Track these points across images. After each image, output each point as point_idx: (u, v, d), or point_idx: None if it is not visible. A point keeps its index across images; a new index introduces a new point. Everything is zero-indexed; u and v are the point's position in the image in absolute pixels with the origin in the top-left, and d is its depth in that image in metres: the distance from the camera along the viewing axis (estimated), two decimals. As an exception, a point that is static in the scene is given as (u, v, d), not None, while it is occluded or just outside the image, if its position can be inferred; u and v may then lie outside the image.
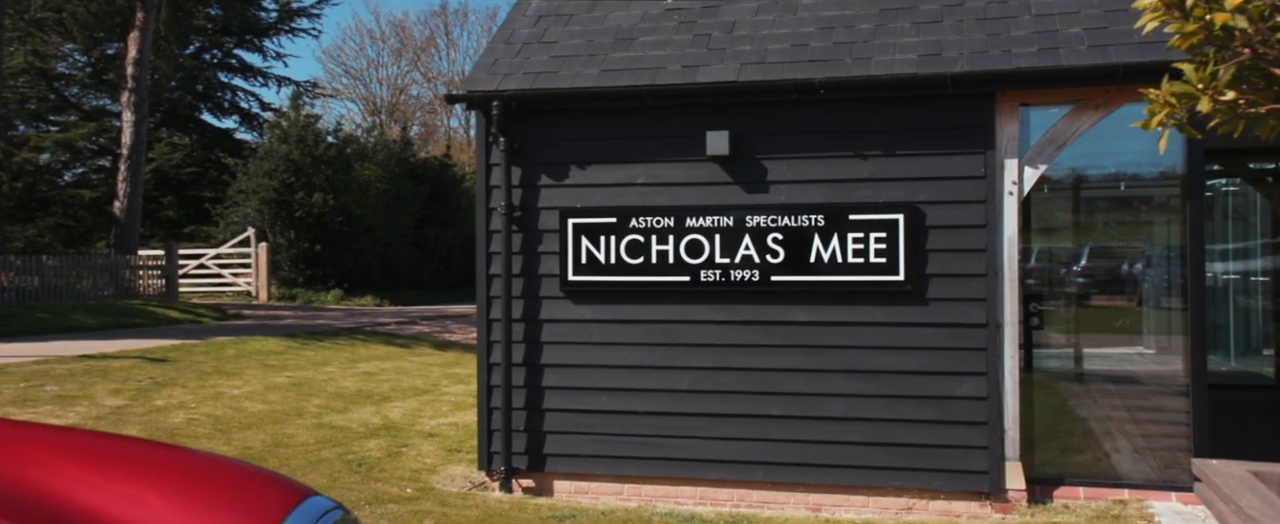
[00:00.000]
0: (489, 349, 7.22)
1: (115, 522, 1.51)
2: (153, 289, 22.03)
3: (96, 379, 9.82)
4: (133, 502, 1.53)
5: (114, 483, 1.57)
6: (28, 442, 1.67)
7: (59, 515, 1.49)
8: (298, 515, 1.57)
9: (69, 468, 1.60)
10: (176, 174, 32.04)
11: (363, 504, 5.92)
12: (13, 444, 1.64)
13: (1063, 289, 7.52)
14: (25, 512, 1.49)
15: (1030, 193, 6.68)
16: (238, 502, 1.57)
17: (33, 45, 30.49)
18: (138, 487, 1.56)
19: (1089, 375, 7.48)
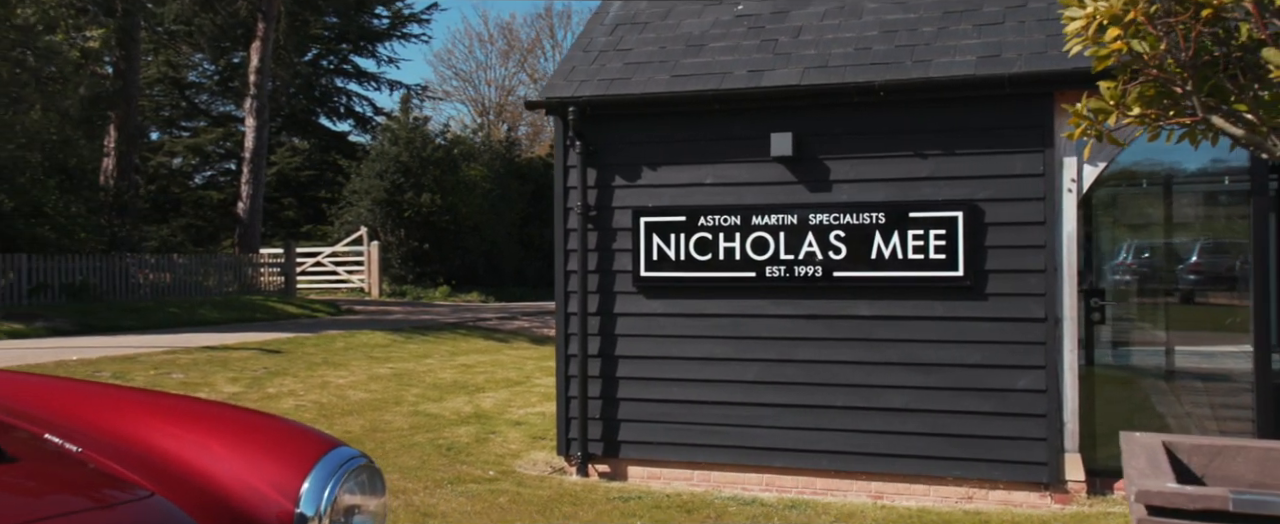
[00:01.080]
0: (567, 341, 7.66)
1: (188, 462, 1.96)
2: (273, 285, 23.28)
3: (217, 368, 10.64)
4: (201, 448, 1.98)
5: (188, 433, 2.02)
6: (127, 403, 2.14)
7: (147, 458, 1.95)
8: (326, 460, 2.00)
9: (156, 422, 2.06)
10: (296, 176, 33.62)
11: (445, 484, 6.42)
12: (116, 405, 2.12)
13: (1124, 285, 7.57)
14: (124, 456, 1.95)
15: (1090, 189, 6.79)
16: (281, 448, 2.01)
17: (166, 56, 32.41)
18: (205, 436, 2.01)
19: (1152, 370, 7.51)
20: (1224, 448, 2.71)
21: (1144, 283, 7.73)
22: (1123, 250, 7.81)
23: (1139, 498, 2.43)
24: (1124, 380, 7.74)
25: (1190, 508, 2.34)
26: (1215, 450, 2.73)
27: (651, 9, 8.41)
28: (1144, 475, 2.43)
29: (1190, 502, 2.33)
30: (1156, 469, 2.47)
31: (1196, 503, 2.34)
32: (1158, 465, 2.51)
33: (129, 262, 19.25)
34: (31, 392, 2.17)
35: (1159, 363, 7.74)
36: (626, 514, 5.65)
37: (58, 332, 14.59)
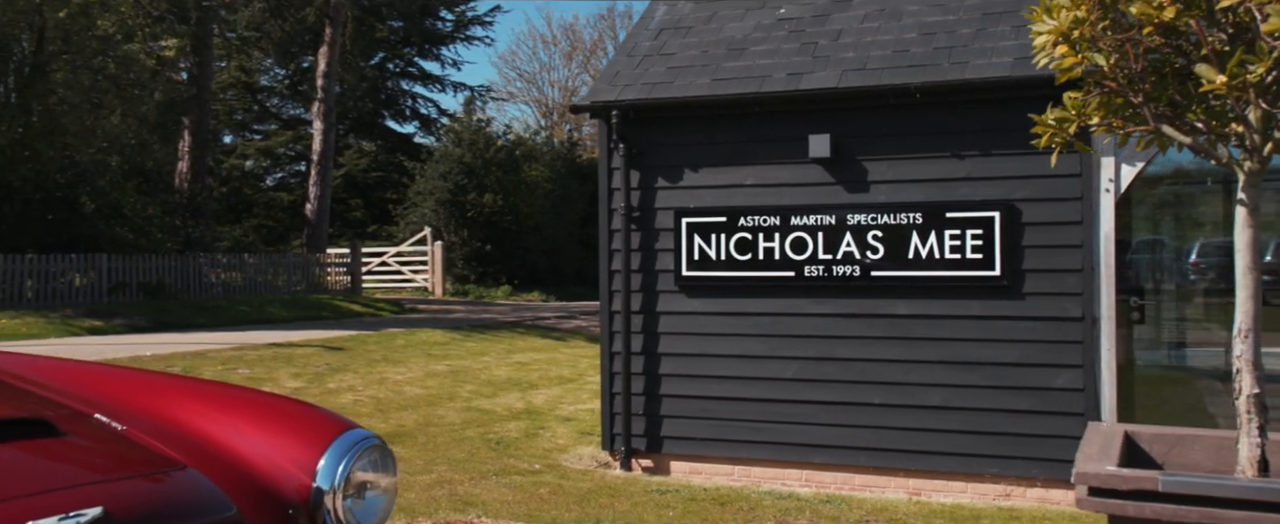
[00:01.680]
0: (611, 339, 7.87)
1: (220, 440, 2.20)
2: (339, 285, 23.90)
3: (281, 364, 11.06)
4: (231, 428, 2.22)
5: (220, 414, 2.26)
6: (167, 387, 2.39)
7: (184, 436, 2.19)
8: (341, 440, 2.22)
9: (192, 404, 2.30)
10: (363, 177, 34.40)
11: (490, 475, 6.67)
12: (157, 389, 2.37)
13: (1167, 283, 7.54)
14: (163, 434, 2.20)
15: (1128, 189, 6.80)
16: (302, 428, 2.24)
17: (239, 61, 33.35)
18: (235, 417, 2.25)
19: (1193, 369, 7.48)
20: (1183, 437, 2.82)
21: (1205, 282, 7.69)
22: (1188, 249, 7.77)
23: (1078, 479, 2.57)
24: (1178, 380, 7.70)
25: (1124, 488, 2.47)
26: (1175, 439, 2.83)
27: (695, 13, 8.58)
28: (1089, 459, 2.55)
29: (1124, 483, 2.45)
30: (1105, 454, 2.58)
31: (1129, 484, 2.47)
32: (1107, 451, 2.62)
33: (202, 261, 19.96)
34: (83, 377, 2.43)
35: (1217, 363, 7.67)
36: (661, 506, 5.83)
37: (135, 328, 15.22)
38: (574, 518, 5.31)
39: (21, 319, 14.65)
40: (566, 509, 5.58)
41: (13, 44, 17.59)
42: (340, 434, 2.24)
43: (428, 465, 6.89)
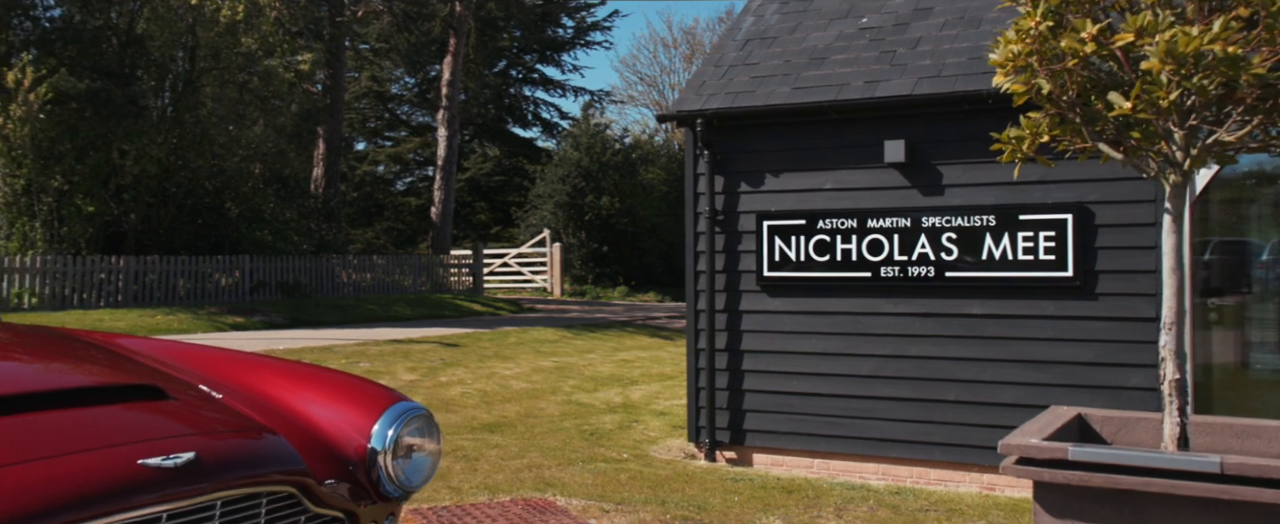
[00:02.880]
0: (696, 336, 8.27)
1: (296, 409, 2.71)
2: (462, 285, 24.94)
3: (399, 359, 11.84)
4: (305, 399, 2.74)
5: (297, 388, 2.78)
6: (257, 365, 2.94)
7: (267, 405, 2.71)
8: (392, 410, 2.71)
9: (276, 379, 2.83)
10: (486, 181, 35.63)
11: (578, 462, 7.16)
12: (249, 367, 2.92)
13: (1246, 284, 7.50)
14: (251, 402, 2.73)
15: (1207, 190, 6.83)
16: (360, 399, 2.75)
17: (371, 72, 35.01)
18: (308, 390, 2.77)
19: (1271, 369, 7.41)
20: (1129, 419, 3.05)
21: (1281, 283, 7.62)
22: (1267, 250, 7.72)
23: (1004, 450, 2.85)
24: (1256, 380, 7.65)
25: (1040, 458, 2.74)
26: (1123, 421, 3.07)
27: (781, 24, 8.91)
28: (1021, 434, 2.83)
29: (1041, 453, 2.72)
30: (1041, 431, 2.85)
31: (1045, 453, 2.74)
32: (1045, 428, 2.88)
33: (334, 262, 21.19)
34: (194, 356, 2.99)
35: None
36: (728, 491, 6.21)
37: (272, 325, 16.37)
38: (642, 498, 5.74)
39: (174, 315, 15.94)
40: (638, 491, 6.02)
41: (169, 62, 19.09)
42: (391, 405, 2.74)
43: (521, 452, 7.43)
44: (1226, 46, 2.47)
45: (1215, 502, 2.46)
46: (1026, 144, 2.96)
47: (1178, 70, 2.48)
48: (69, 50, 17.50)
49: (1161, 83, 2.54)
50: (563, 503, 5.53)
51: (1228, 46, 2.47)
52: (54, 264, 16.56)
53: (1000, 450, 2.87)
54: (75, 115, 17.35)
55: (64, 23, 18.35)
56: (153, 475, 2.13)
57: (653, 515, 5.29)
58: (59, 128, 17.28)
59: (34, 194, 17.48)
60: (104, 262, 17.11)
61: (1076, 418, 3.15)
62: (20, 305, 15.87)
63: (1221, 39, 2.47)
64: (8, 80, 16.73)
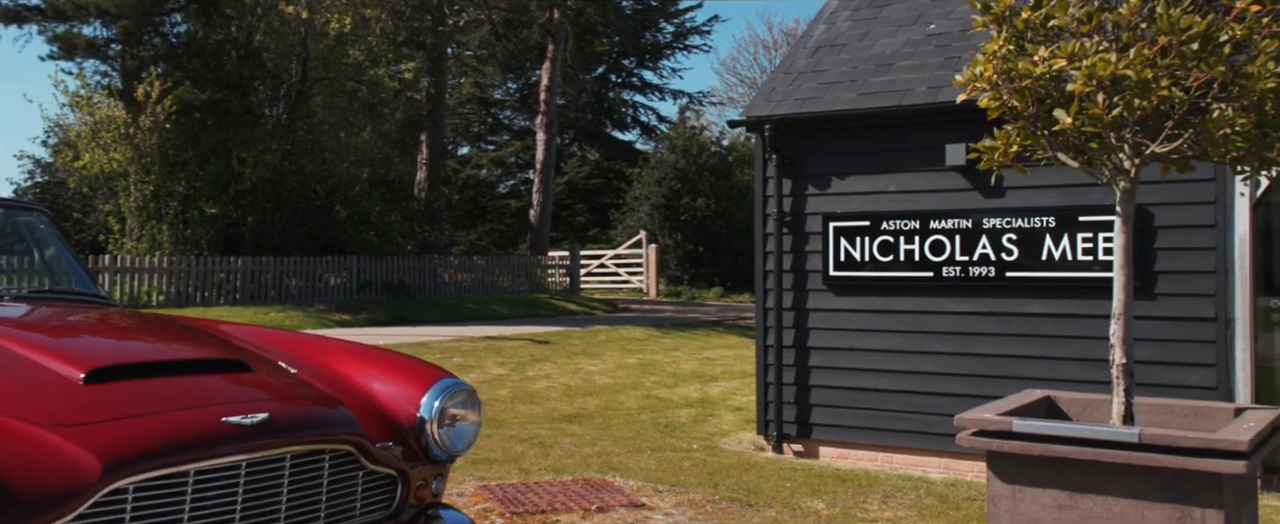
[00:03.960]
0: (765, 333, 8.60)
1: (359, 383, 3.18)
2: (559, 285, 25.62)
3: (491, 354, 12.44)
4: (366, 375, 3.21)
5: (361, 366, 3.25)
6: (328, 347, 3.43)
7: (334, 379, 3.19)
8: (438, 384, 3.16)
9: (343, 358, 3.31)
10: (585, 184, 36.37)
11: (647, 450, 7.57)
12: (321, 348, 3.41)
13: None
14: (321, 377, 3.21)
15: (1270, 191, 6.87)
16: (412, 375, 3.20)
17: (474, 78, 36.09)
18: (370, 368, 3.24)
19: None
20: (1093, 401, 3.29)
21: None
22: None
23: (959, 423, 3.12)
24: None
25: (990, 430, 3.01)
26: (1087, 402, 3.31)
27: (851, 31, 9.17)
28: (981, 411, 3.10)
29: (991, 425, 3.00)
30: (1000, 408, 3.11)
31: (994, 426, 3.01)
32: (1006, 406, 3.15)
33: (436, 263, 22.08)
34: (274, 338, 3.50)
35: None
36: (783, 478, 6.53)
37: (376, 322, 17.23)
38: (697, 482, 6.11)
39: (285, 313, 16.93)
40: (695, 476, 6.39)
41: (283, 73, 20.23)
42: (438, 381, 3.20)
43: (594, 440, 7.87)
44: (1140, 71, 2.75)
45: (1134, 467, 2.75)
46: (999, 153, 3.24)
47: (1097, 92, 2.77)
48: (193, 63, 18.71)
49: (1097, 101, 2.82)
50: (619, 483, 5.95)
51: (1141, 71, 2.75)
52: (179, 264, 17.75)
53: (956, 423, 3.17)
54: (198, 124, 18.54)
55: (189, 38, 19.60)
56: (234, 430, 2.62)
57: (702, 496, 5.66)
58: (183, 136, 18.50)
59: (161, 199, 18.75)
60: (223, 262, 18.25)
61: (1045, 398, 3.42)
62: (149, 302, 17.07)
63: (1134, 65, 2.75)
64: (138, 93, 18.00)
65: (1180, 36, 2.73)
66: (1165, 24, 2.72)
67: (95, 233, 20.93)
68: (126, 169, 18.72)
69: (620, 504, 5.29)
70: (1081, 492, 2.80)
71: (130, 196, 18.92)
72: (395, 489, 3.07)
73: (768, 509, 5.46)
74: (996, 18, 3.15)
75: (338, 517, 2.89)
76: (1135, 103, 2.79)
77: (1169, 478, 2.71)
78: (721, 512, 5.31)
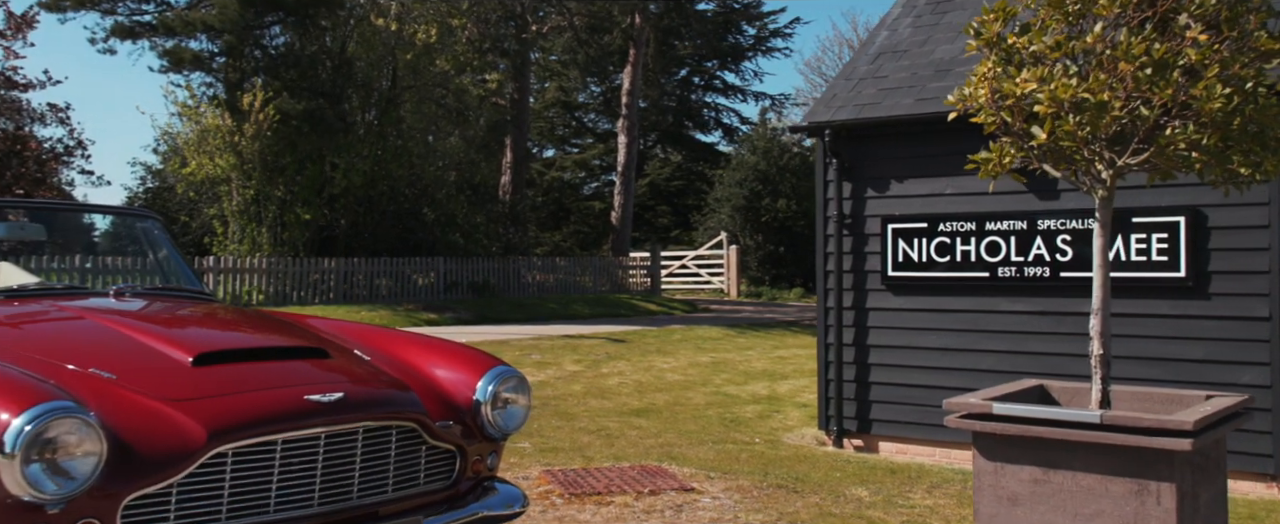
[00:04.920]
0: (826, 332, 8.89)
1: (424, 369, 3.63)
2: (640, 286, 26.08)
3: (567, 352, 12.93)
4: (430, 362, 3.66)
5: (426, 354, 3.70)
6: (399, 337, 3.90)
7: (403, 366, 3.64)
8: (493, 370, 3.58)
9: (411, 347, 3.76)
10: (667, 186, 36.80)
11: (708, 443, 7.93)
12: (392, 338, 3.88)
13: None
14: (391, 364, 3.67)
15: (1324, 192, 6.92)
16: (470, 363, 3.64)
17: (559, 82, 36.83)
18: (434, 356, 3.69)
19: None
20: (1080, 389, 3.53)
21: None
22: None
23: (948, 407, 3.41)
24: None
25: (974, 413, 3.29)
26: (1075, 391, 3.55)
27: (913, 38, 9.39)
28: (970, 396, 3.38)
29: (974, 408, 3.27)
30: (989, 393, 3.38)
31: (976, 409, 3.29)
32: (994, 393, 3.41)
33: (520, 264, 22.74)
34: (352, 330, 3.98)
35: None
36: (834, 469, 6.83)
37: (461, 321, 17.90)
38: (748, 470, 6.46)
39: (375, 312, 17.71)
40: (749, 465, 6.73)
41: (374, 82, 21.11)
42: (492, 368, 3.63)
43: (659, 433, 8.27)
44: (1098, 95, 3.02)
45: (1098, 445, 3.02)
46: (993, 164, 3.53)
47: (1067, 113, 3.07)
48: (290, 74, 19.67)
49: (1069, 120, 3.10)
50: (674, 469, 6.33)
51: (1099, 94, 3.02)
52: (276, 265, 18.70)
53: (944, 407, 3.47)
54: (295, 132, 19.48)
55: (287, 49, 20.59)
56: (315, 407, 3.08)
57: (750, 482, 6.01)
58: (282, 144, 19.46)
59: (261, 203, 19.76)
60: (317, 263, 19.15)
61: (1038, 386, 3.70)
62: (249, 302, 18.02)
63: (1093, 89, 3.02)
64: (241, 103, 19.03)
65: (1135, 63, 2.99)
66: (1122, 51, 3.00)
67: (201, 235, 22.11)
68: (229, 175, 19.77)
69: (671, 488, 5.68)
70: (1054, 467, 3.09)
71: (232, 201, 19.98)
72: (454, 463, 3.51)
73: (812, 495, 5.78)
74: (987, 42, 3.45)
75: (403, 484, 3.35)
76: (1100, 121, 3.07)
77: (1128, 455, 2.98)
78: (766, 496, 5.65)
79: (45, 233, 4.82)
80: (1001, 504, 3.20)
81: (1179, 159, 3.22)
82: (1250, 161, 3.20)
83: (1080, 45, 3.17)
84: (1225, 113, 2.99)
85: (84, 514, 2.70)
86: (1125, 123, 3.15)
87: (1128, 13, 3.11)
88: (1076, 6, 3.21)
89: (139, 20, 19.93)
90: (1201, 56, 3.01)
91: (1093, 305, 3.51)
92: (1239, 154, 3.18)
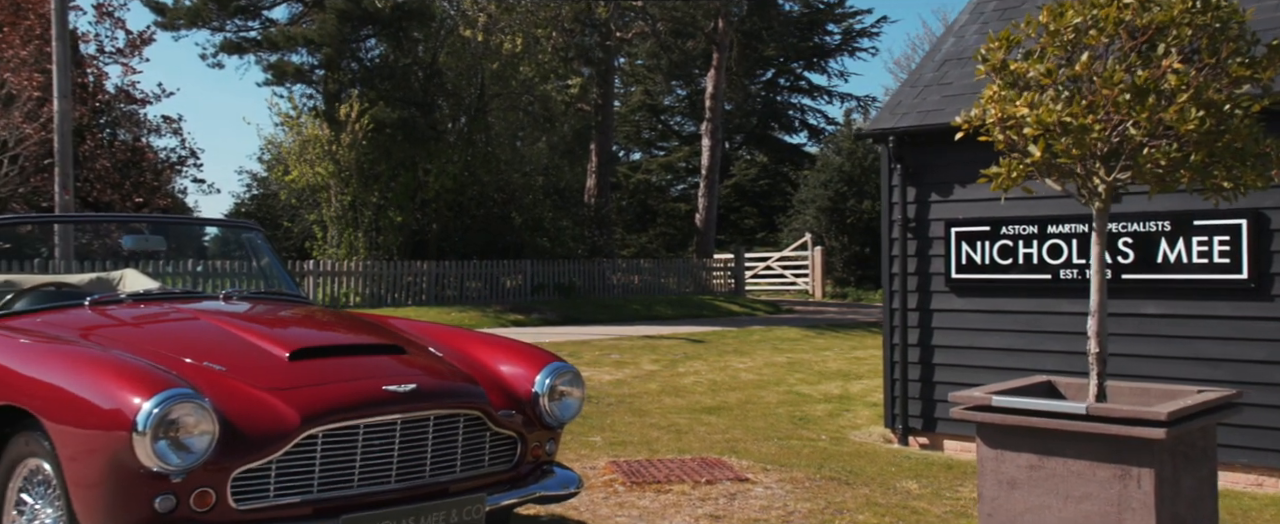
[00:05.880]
0: (891, 332, 9.13)
1: (489, 364, 4.07)
2: (724, 287, 26.38)
3: (646, 352, 13.35)
4: (495, 358, 4.10)
5: (491, 351, 4.15)
6: (470, 337, 4.36)
7: (470, 361, 4.09)
8: (550, 366, 4.01)
9: (478, 345, 4.22)
10: (752, 187, 37.01)
11: (773, 439, 8.26)
12: (464, 338, 4.34)
13: None
14: (460, 360, 4.13)
15: (1387, 194, 6.94)
16: (530, 358, 4.07)
17: (644, 86, 37.34)
18: (499, 353, 4.13)
19: None
20: (1084, 384, 3.77)
21: None
22: None
23: (954, 399, 3.69)
24: None
25: (976, 405, 3.56)
26: (1080, 386, 3.79)
27: (979, 44, 9.54)
28: (975, 390, 3.66)
29: (975, 401, 3.55)
30: (994, 389, 3.65)
31: (975, 401, 3.56)
32: (1000, 388, 3.68)
33: (605, 266, 23.28)
34: (427, 329, 4.46)
35: None
36: (890, 464, 7.10)
37: (546, 322, 18.48)
38: (805, 463, 6.77)
39: (465, 312, 18.41)
40: (809, 460, 7.05)
41: (463, 92, 21.90)
42: (549, 363, 4.07)
43: (727, 429, 8.62)
44: (1080, 118, 3.29)
45: (1085, 434, 3.31)
46: (1002, 179, 3.82)
47: (1059, 134, 3.35)
48: (384, 85, 20.54)
49: (1059, 140, 3.38)
50: (732, 462, 6.69)
51: (1081, 119, 3.29)
52: (372, 268, 19.57)
53: (950, 400, 3.74)
54: (389, 140, 20.34)
55: (382, 61, 21.50)
56: (391, 396, 3.55)
57: (804, 474, 6.33)
58: (377, 152, 20.34)
59: (357, 209, 20.68)
60: (410, 266, 19.97)
61: (1046, 382, 3.97)
62: (347, 303, 18.91)
63: (1074, 113, 3.29)
64: (339, 113, 19.97)
65: (1115, 89, 3.26)
66: (1103, 79, 3.27)
67: (301, 240, 23.21)
68: (328, 182, 20.74)
69: (727, 478, 6.04)
70: (1048, 454, 3.37)
71: (331, 207, 20.95)
72: (516, 448, 3.95)
73: (862, 487, 6.08)
74: (992, 68, 3.75)
75: (470, 465, 3.80)
76: (1083, 140, 3.35)
77: (1111, 443, 3.25)
78: (817, 487, 5.97)
79: (165, 244, 5.44)
80: (1001, 487, 3.50)
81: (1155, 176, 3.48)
82: (1232, 176, 3.44)
83: (1069, 73, 3.45)
84: (1201, 133, 3.25)
85: (201, 484, 3.21)
86: (1116, 141, 3.42)
87: (1116, 43, 3.38)
88: (1071, 36, 3.49)
89: (246, 36, 21.07)
90: (1179, 82, 3.26)
91: (1090, 307, 3.77)
92: (1222, 169, 3.42)
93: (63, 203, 13.58)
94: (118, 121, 23.38)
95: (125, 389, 3.20)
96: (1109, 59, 3.38)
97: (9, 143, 16.96)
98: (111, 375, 3.30)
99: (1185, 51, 3.35)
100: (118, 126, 23.48)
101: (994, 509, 3.51)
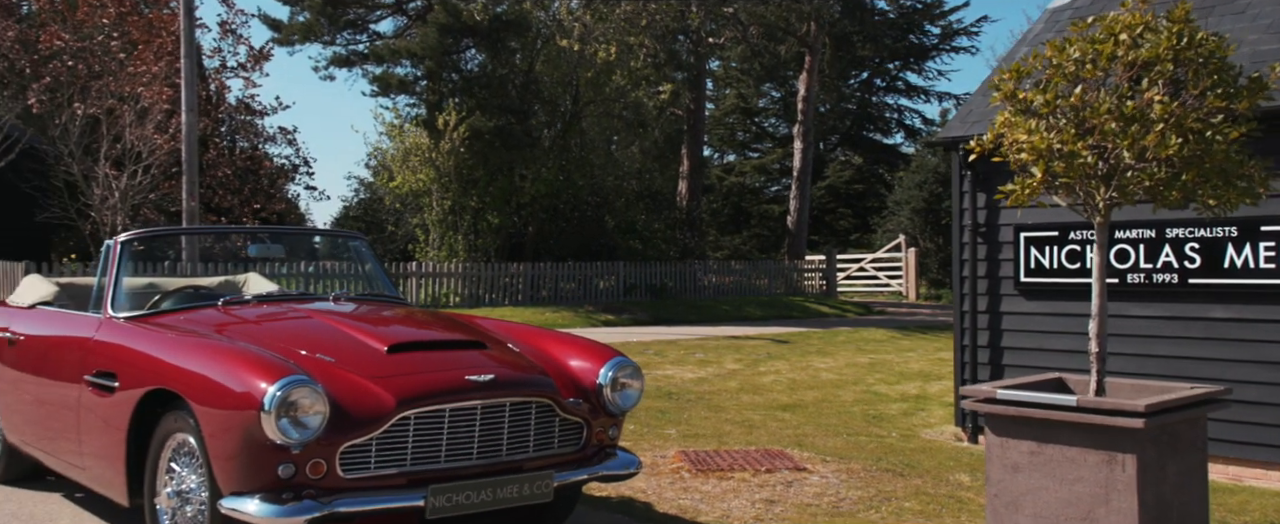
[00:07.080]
0: (962, 333, 9.41)
1: (559, 358, 4.60)
2: (815, 288, 26.60)
3: (730, 352, 13.80)
4: (564, 353, 4.63)
5: (560, 346, 4.68)
6: (544, 334, 4.91)
7: (543, 355, 4.62)
8: (612, 360, 4.53)
9: (551, 341, 4.76)
10: (846, 188, 37.02)
11: (842, 434, 8.64)
12: (539, 335, 4.90)
13: None
14: (535, 354, 4.67)
15: None
16: (595, 353, 4.59)
17: (737, 89, 37.68)
18: (568, 348, 4.66)
19: None
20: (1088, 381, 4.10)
21: None
22: None
23: (964, 392, 4.05)
24: None
25: (981, 397, 3.91)
26: (1086, 382, 4.11)
27: (1051, 51, 9.77)
28: (984, 385, 4.02)
29: (981, 393, 3.91)
30: (1004, 383, 3.99)
31: (981, 394, 3.91)
32: (1011, 383, 4.02)
33: (696, 267, 23.77)
34: (505, 327, 5.03)
35: None
36: (950, 458, 7.42)
37: (637, 322, 19.06)
38: (864, 456, 7.15)
39: (558, 312, 19.12)
40: (871, 454, 7.42)
41: (558, 99, 22.67)
42: (612, 358, 4.60)
43: (800, 425, 9.03)
44: (1070, 145, 3.65)
45: (1075, 424, 3.67)
46: (1016, 196, 4.20)
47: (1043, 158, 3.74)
48: (482, 94, 21.42)
49: (1056, 163, 3.76)
50: (794, 453, 7.12)
51: (1070, 145, 3.65)
52: (471, 270, 20.45)
53: (962, 393, 4.11)
54: (487, 147, 21.21)
55: (480, 71, 22.40)
56: (472, 385, 4.13)
57: (861, 466, 6.72)
58: (475, 158, 21.24)
59: (457, 213, 21.61)
60: (507, 268, 20.80)
61: (1056, 378, 4.33)
62: (447, 304, 19.82)
63: (1064, 140, 3.65)
64: (439, 122, 20.92)
65: (1102, 119, 3.63)
66: (1091, 111, 3.64)
67: (405, 242, 24.29)
68: (430, 187, 21.73)
69: (786, 468, 6.48)
70: (1046, 442, 3.73)
71: (432, 211, 21.93)
72: (582, 432, 4.49)
73: (915, 479, 6.45)
74: (1005, 96, 4.13)
75: (542, 447, 4.35)
76: (1073, 164, 3.72)
77: (1099, 431, 3.61)
78: (871, 477, 6.37)
79: (283, 252, 6.16)
80: (1006, 471, 3.88)
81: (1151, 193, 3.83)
82: (1218, 195, 3.77)
83: (1066, 102, 3.82)
84: (1181, 157, 3.59)
85: (315, 456, 3.83)
86: (1111, 164, 3.78)
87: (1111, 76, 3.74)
88: (1072, 69, 3.85)
89: (354, 50, 22.22)
90: (1163, 112, 3.60)
91: (1092, 310, 4.11)
92: (1208, 189, 3.75)
93: (189, 209, 14.68)
94: (237, 131, 24.86)
95: (254, 376, 3.84)
96: (1101, 91, 3.74)
97: (143, 153, 18.31)
98: (243, 364, 3.96)
99: (1171, 84, 3.69)
100: (237, 135, 24.97)
101: (1000, 490, 3.90)
